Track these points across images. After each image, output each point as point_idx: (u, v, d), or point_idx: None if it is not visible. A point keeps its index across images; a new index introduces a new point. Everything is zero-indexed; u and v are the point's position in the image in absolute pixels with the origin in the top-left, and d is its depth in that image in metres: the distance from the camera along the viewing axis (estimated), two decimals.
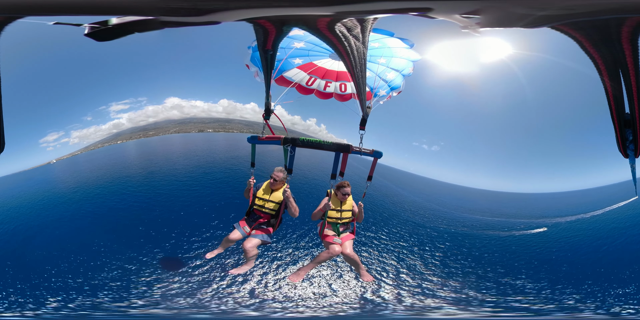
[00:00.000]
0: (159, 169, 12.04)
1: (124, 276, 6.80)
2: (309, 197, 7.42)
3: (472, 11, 3.91)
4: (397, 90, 5.23)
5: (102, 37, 3.20)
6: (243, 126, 17.61)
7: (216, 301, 6.24)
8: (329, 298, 6.45)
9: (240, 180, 9.53)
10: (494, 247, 9.16)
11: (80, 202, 9.65)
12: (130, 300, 6.20)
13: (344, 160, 4.77)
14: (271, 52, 3.94)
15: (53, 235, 8.04)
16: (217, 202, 9.74)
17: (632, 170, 3.50)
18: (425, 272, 7.90)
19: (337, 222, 5.17)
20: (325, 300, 6.40)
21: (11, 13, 2.77)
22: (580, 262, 8.30)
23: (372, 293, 6.64)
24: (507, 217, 11.06)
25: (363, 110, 4.53)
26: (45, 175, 11.35)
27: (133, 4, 3.08)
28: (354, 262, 5.06)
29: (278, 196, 5.20)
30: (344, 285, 6.68)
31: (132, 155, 13.69)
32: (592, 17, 3.36)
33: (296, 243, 7.98)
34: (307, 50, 5.18)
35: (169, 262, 7.19)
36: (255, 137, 4.78)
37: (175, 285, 6.52)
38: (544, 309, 6.77)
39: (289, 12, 3.78)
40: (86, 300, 6.27)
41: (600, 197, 11.21)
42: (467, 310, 6.65)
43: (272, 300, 6.23)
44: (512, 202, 11.93)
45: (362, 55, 3.92)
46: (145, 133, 15.33)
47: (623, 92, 3.25)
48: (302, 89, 5.30)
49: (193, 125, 16.58)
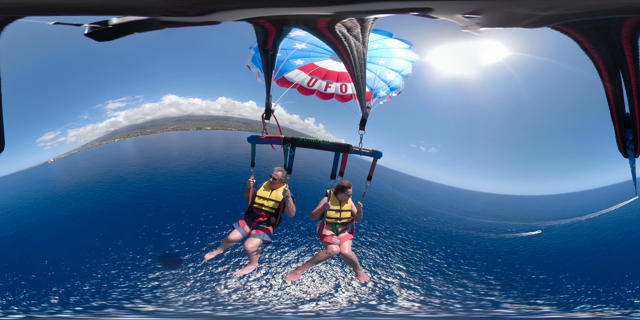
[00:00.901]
0: (160, 166, 12.06)
1: (125, 275, 6.80)
2: (306, 197, 7.40)
3: (473, 11, 3.91)
4: (396, 90, 5.24)
5: (102, 37, 3.19)
6: (241, 124, 17.53)
7: (220, 300, 6.24)
8: (327, 296, 6.45)
9: (240, 180, 9.57)
10: (481, 249, 9.20)
11: (80, 200, 9.65)
12: (135, 300, 6.20)
13: (344, 160, 4.78)
14: (271, 52, 3.93)
15: (54, 234, 8.04)
16: (223, 197, 9.74)
17: (632, 170, 3.52)
18: (400, 266, 7.92)
19: (336, 222, 5.17)
20: (322, 299, 6.40)
21: (11, 13, 2.76)
22: (567, 269, 8.32)
23: (369, 293, 6.64)
24: (500, 220, 11.10)
25: (363, 110, 4.54)
26: (44, 174, 11.34)
27: (133, 4, 3.07)
28: (351, 262, 5.06)
29: (278, 195, 5.20)
30: (341, 284, 6.68)
31: (130, 153, 13.68)
32: (592, 17, 3.37)
33: (296, 242, 7.98)
34: (309, 51, 5.19)
35: (169, 260, 7.19)
36: (255, 137, 4.78)
37: (175, 286, 6.52)
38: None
39: (289, 12, 3.77)
40: (83, 298, 6.27)
41: (599, 198, 11.25)
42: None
43: (275, 299, 6.23)
44: (507, 204, 11.94)
45: (361, 56, 3.92)
46: (142, 131, 15.26)
47: (623, 92, 3.26)
48: (304, 89, 5.31)
49: (191, 122, 16.51)
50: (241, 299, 6.24)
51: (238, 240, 5.28)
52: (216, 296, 6.24)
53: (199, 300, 6.23)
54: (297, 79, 5.20)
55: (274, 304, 6.18)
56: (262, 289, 6.39)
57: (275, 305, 6.17)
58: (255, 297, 6.31)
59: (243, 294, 6.34)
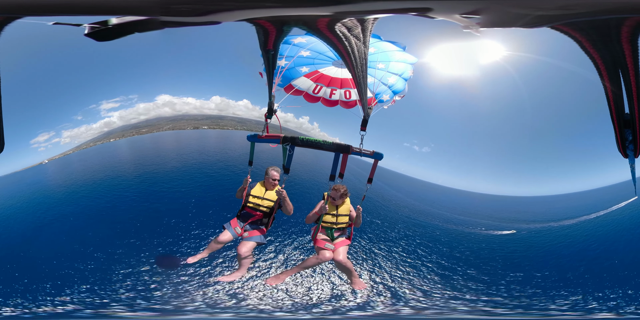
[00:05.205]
0: (159, 166, 11.99)
1: (126, 275, 6.76)
2: (300, 198, 7.39)
3: (472, 11, 3.92)
4: (400, 94, 5.22)
5: (102, 37, 3.16)
6: (236, 123, 17.56)
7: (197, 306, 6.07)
8: (314, 301, 6.34)
9: (237, 179, 9.49)
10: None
11: (77, 200, 9.58)
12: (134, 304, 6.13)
13: (344, 161, 4.71)
14: (272, 52, 3.92)
15: (53, 235, 7.98)
16: (222, 194, 9.68)
17: (632, 170, 3.54)
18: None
19: (332, 227, 4.95)
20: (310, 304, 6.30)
21: (11, 13, 2.73)
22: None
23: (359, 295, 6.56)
24: (479, 218, 11.14)
25: (364, 110, 4.50)
26: (39, 175, 11.22)
27: (133, 4, 3.04)
28: (346, 269, 4.87)
29: (272, 194, 5.09)
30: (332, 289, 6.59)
31: (126, 152, 13.57)
32: (591, 17, 3.39)
33: (288, 246, 7.93)
34: (313, 58, 5.19)
35: (166, 261, 7.14)
36: (255, 136, 4.73)
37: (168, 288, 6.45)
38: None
39: (289, 12, 3.77)
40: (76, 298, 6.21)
41: (599, 199, 11.32)
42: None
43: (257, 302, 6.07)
44: (498, 204, 12.02)
45: (362, 55, 3.92)
46: (137, 131, 15.22)
47: (623, 92, 3.28)
48: (310, 97, 5.29)
49: (186, 122, 16.52)
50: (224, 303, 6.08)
51: (228, 241, 5.07)
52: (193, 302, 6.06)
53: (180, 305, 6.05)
54: (303, 87, 5.18)
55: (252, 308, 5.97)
56: (246, 293, 6.20)
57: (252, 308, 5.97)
58: (240, 299, 6.15)
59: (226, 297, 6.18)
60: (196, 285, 6.30)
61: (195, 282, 6.39)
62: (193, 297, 6.02)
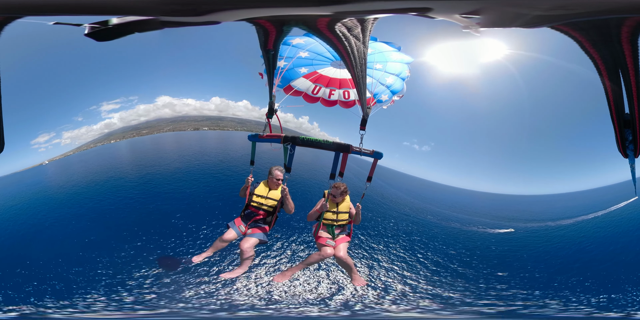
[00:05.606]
0: (162, 167, 12.00)
1: (128, 275, 6.76)
2: (301, 197, 7.39)
3: (472, 11, 3.93)
4: (398, 94, 5.25)
5: (103, 37, 3.17)
6: (236, 124, 17.58)
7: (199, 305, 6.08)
8: (318, 299, 6.37)
9: (239, 179, 9.51)
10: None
11: (80, 202, 9.59)
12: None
13: (344, 160, 4.76)
14: (272, 52, 3.93)
15: (54, 236, 7.98)
16: (227, 194, 9.69)
17: (632, 170, 3.54)
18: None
19: (332, 224, 5.05)
20: (314, 302, 6.32)
21: (11, 13, 2.73)
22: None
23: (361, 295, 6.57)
24: (476, 216, 11.14)
25: (364, 110, 4.52)
26: (39, 176, 11.23)
27: (133, 4, 3.05)
28: (346, 265, 4.96)
29: (277, 194, 5.17)
30: (334, 287, 6.62)
31: (127, 154, 13.59)
32: (591, 17, 3.39)
33: (292, 243, 7.94)
34: (311, 59, 5.21)
35: (167, 261, 7.16)
36: (256, 136, 4.75)
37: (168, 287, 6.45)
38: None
39: (289, 12, 3.77)
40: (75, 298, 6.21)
41: (597, 199, 11.30)
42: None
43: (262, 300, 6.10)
44: (499, 203, 12.00)
45: (362, 55, 3.92)
46: (138, 132, 15.23)
47: (623, 92, 3.28)
48: (309, 97, 5.32)
49: (186, 123, 16.52)
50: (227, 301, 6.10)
51: (233, 240, 5.12)
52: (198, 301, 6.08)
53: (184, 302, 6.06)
54: (302, 87, 5.21)
55: (260, 306, 6.02)
56: (251, 290, 6.24)
57: (262, 306, 6.02)
58: (239, 298, 6.17)
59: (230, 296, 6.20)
60: (198, 283, 6.34)
61: (197, 279, 6.44)
62: (197, 293, 6.06)
